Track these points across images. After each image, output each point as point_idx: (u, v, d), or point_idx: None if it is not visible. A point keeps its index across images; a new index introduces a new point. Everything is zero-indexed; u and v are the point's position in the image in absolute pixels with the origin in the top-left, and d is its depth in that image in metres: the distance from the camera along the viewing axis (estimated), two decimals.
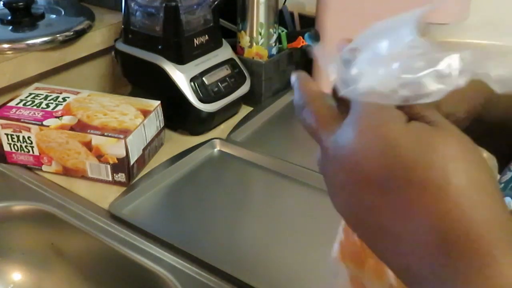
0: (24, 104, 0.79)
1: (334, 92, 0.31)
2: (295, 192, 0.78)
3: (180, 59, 0.86)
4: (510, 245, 0.23)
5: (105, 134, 0.74)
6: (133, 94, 0.93)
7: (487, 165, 0.25)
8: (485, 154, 0.30)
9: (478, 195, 0.24)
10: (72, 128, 0.75)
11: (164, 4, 0.84)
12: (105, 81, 1.03)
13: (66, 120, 0.77)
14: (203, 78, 0.87)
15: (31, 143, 0.77)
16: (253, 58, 0.98)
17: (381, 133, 0.25)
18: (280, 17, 1.02)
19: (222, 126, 0.93)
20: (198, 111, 0.86)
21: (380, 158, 0.25)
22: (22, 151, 0.78)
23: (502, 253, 0.23)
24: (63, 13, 0.98)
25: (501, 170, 0.37)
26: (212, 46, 0.91)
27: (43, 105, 0.79)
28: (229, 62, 0.92)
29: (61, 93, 0.83)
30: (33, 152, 0.78)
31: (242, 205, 0.77)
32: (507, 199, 0.48)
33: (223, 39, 0.94)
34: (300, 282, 0.63)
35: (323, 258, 0.69)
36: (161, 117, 0.84)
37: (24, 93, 0.82)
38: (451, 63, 0.25)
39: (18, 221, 0.73)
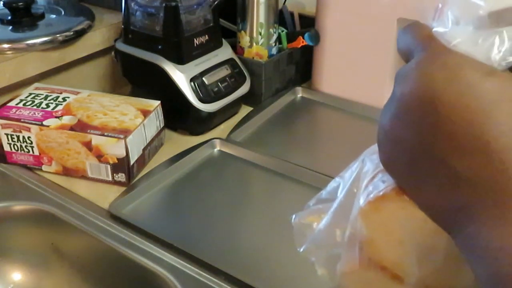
0: (24, 104, 0.79)
1: None
2: (295, 192, 0.78)
3: (180, 59, 0.86)
4: None
5: (105, 134, 0.74)
6: (133, 94, 0.93)
7: None
8: None
9: None
10: (72, 128, 0.75)
11: (164, 4, 0.84)
12: (105, 81, 1.03)
13: (66, 120, 0.77)
14: (203, 78, 0.87)
15: (31, 143, 0.77)
16: (253, 58, 0.98)
17: (463, 73, 0.26)
18: (280, 17, 1.02)
19: (222, 126, 0.93)
20: (198, 111, 0.86)
21: (455, 95, 0.25)
22: (22, 151, 0.78)
23: None
24: (63, 13, 0.98)
25: None
26: (212, 46, 0.91)
27: (43, 105, 0.79)
28: (229, 62, 0.92)
29: (61, 93, 0.83)
30: (33, 152, 0.78)
31: (242, 205, 0.77)
32: None
33: (223, 39, 0.94)
34: (300, 282, 0.63)
35: None
36: (161, 117, 0.84)
37: (24, 93, 0.82)
38: None
39: (18, 221, 0.73)
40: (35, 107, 0.79)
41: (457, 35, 0.27)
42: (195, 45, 0.87)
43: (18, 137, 0.77)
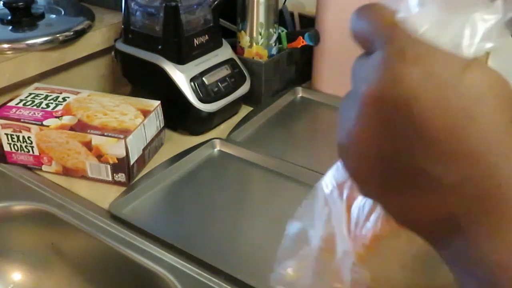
0: (24, 104, 0.79)
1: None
2: (295, 192, 0.78)
3: (180, 59, 0.86)
4: None
5: (105, 134, 0.74)
6: (133, 94, 0.93)
7: None
8: None
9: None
10: (72, 128, 0.75)
11: (164, 4, 0.84)
12: (105, 81, 1.03)
13: (66, 120, 0.77)
14: (203, 78, 0.87)
15: (31, 143, 0.77)
16: (253, 58, 0.97)
17: (440, 69, 0.23)
18: (280, 17, 1.02)
19: (222, 126, 0.93)
20: (198, 111, 0.86)
21: (434, 96, 0.23)
22: (22, 151, 0.78)
23: None
24: (63, 13, 0.99)
25: None
26: (212, 46, 0.91)
27: (43, 105, 0.79)
28: (229, 62, 0.92)
29: (61, 93, 0.83)
30: (33, 152, 0.78)
31: (242, 205, 0.77)
32: None
33: (223, 39, 0.94)
34: None
35: None
36: (161, 117, 0.84)
37: (24, 93, 0.82)
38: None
39: (18, 221, 0.73)
40: (35, 107, 0.79)
41: (423, 20, 0.24)
42: (195, 45, 0.87)
43: (18, 137, 0.77)
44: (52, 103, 0.80)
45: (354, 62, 0.27)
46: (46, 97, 0.81)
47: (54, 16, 0.97)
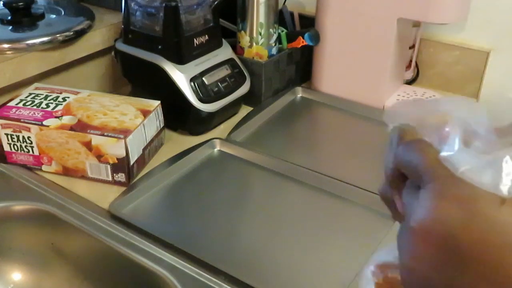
0: (24, 104, 0.79)
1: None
2: (295, 192, 0.78)
3: (180, 59, 0.86)
4: None
5: (105, 134, 0.74)
6: (133, 94, 0.94)
7: None
8: None
9: None
10: (72, 128, 0.75)
11: (164, 4, 0.84)
12: (105, 81, 1.03)
13: (66, 120, 0.77)
14: (203, 78, 0.87)
15: (31, 143, 0.77)
16: (253, 58, 0.98)
17: (479, 207, 0.26)
18: (280, 17, 1.02)
19: (222, 126, 0.93)
20: (198, 111, 0.86)
21: (476, 233, 0.25)
22: (22, 151, 0.78)
23: None
24: (63, 13, 0.99)
25: None
26: (212, 46, 0.91)
27: (43, 105, 0.79)
28: (229, 62, 0.92)
29: (61, 93, 0.83)
30: (33, 152, 0.78)
31: (242, 205, 0.77)
32: None
33: (223, 39, 0.94)
34: (299, 282, 0.63)
35: (322, 257, 0.69)
36: (161, 117, 0.84)
37: (24, 93, 0.83)
38: None
39: (18, 221, 0.73)
40: (35, 107, 0.79)
41: (463, 160, 0.27)
42: (195, 45, 0.87)
43: (18, 137, 0.77)
44: (52, 103, 0.80)
45: (405, 192, 0.30)
46: (46, 97, 0.81)
47: (54, 16, 0.97)
